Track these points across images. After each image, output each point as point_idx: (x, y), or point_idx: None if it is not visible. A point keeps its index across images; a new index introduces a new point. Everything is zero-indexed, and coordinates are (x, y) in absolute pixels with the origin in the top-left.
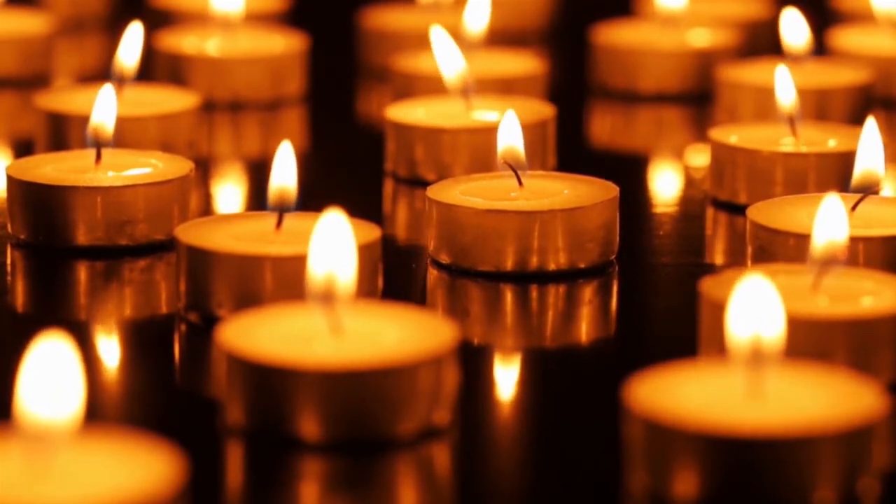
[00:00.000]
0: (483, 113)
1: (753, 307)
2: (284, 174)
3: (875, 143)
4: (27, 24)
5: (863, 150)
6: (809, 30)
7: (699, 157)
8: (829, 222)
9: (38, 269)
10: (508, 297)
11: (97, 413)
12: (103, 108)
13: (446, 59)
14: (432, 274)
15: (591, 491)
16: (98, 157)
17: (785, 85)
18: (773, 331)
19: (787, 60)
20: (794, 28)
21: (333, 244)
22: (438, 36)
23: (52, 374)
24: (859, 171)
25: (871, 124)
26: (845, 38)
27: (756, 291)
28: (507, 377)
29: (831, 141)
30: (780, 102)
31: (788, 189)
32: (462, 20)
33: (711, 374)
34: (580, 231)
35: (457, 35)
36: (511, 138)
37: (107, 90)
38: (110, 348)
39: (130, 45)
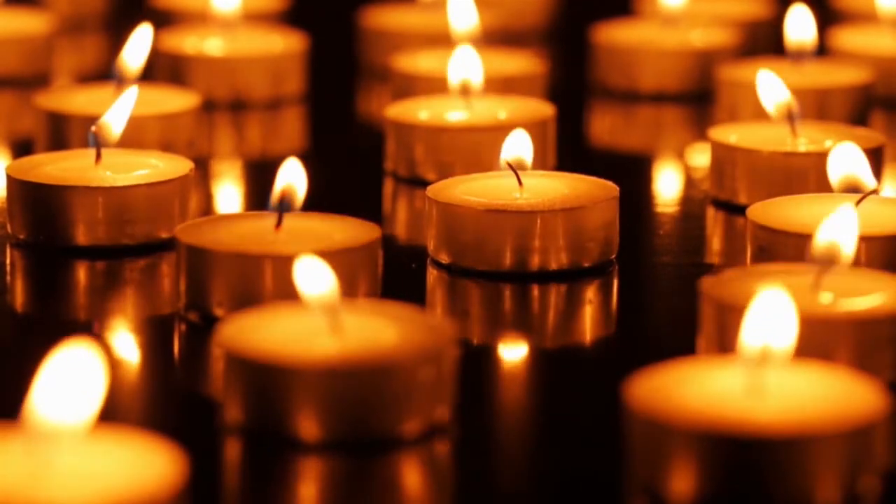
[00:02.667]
0: (483, 113)
1: (768, 317)
2: (292, 177)
3: (849, 150)
4: (27, 24)
5: (836, 159)
6: (814, 29)
7: (699, 157)
8: (839, 225)
9: (38, 269)
10: (508, 296)
11: (97, 413)
12: (118, 109)
13: (461, 66)
14: (432, 274)
15: (591, 491)
16: (98, 157)
17: (772, 87)
18: (784, 340)
19: (789, 59)
20: (800, 25)
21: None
22: (462, 47)
23: (72, 379)
24: (839, 177)
25: (847, 147)
26: (846, 37)
27: (773, 303)
28: (507, 376)
29: (831, 140)
30: (766, 106)
31: (788, 189)
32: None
33: (711, 373)
34: (580, 231)
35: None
36: (519, 149)
37: (129, 92)
38: (110, 348)
39: (137, 46)
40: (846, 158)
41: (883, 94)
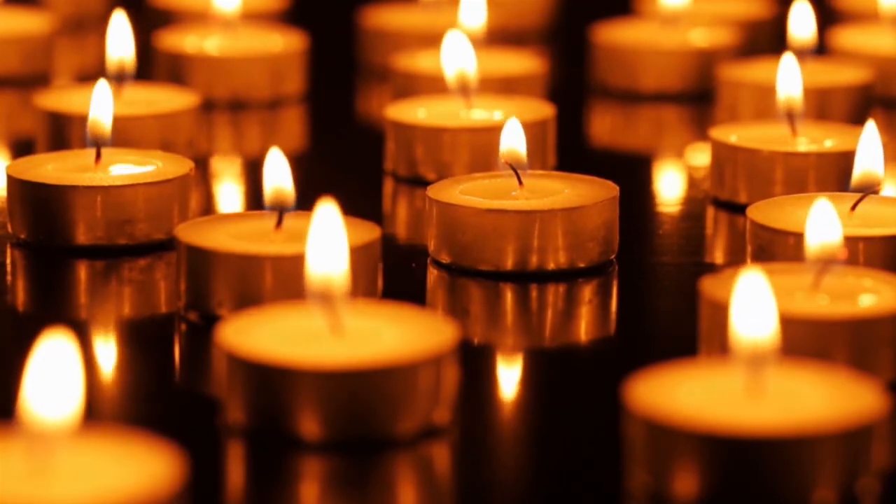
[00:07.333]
0: (483, 112)
1: (751, 304)
2: (278, 176)
3: (874, 145)
4: (27, 23)
5: (862, 152)
6: (815, 27)
7: (700, 157)
8: (822, 224)
9: (38, 269)
10: (508, 296)
11: (97, 413)
12: (100, 105)
13: (454, 58)
14: (432, 274)
15: (591, 491)
16: (98, 156)
17: (790, 77)
18: (768, 327)
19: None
20: (803, 24)
21: (327, 241)
22: (453, 37)
23: (53, 373)
24: (859, 172)
25: (870, 126)
26: (846, 37)
27: (753, 289)
28: (507, 377)
29: (831, 140)
30: (782, 95)
31: (788, 189)
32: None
33: (711, 373)
34: (580, 230)
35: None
36: (514, 141)
37: (101, 87)
38: (110, 348)
39: (118, 39)
40: (869, 155)
41: (883, 94)
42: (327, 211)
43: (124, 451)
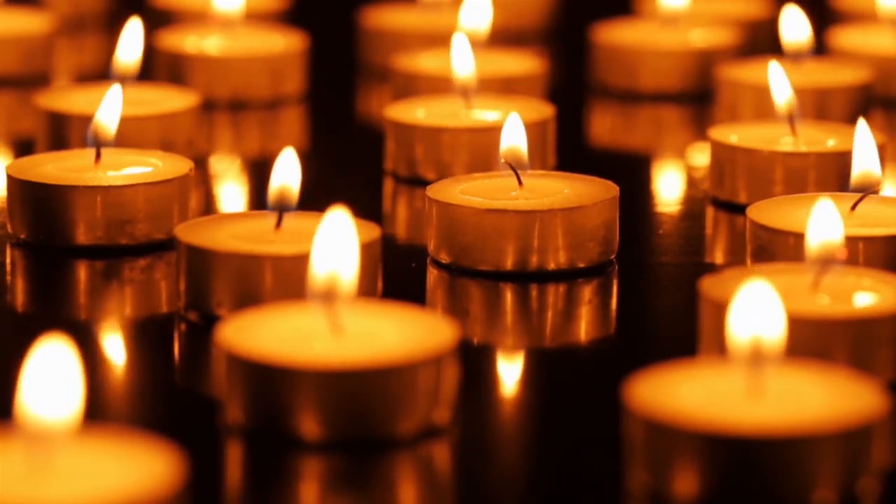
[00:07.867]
0: (483, 113)
1: (754, 308)
2: (286, 175)
3: (869, 145)
4: (27, 23)
5: (858, 153)
6: (809, 28)
7: (699, 157)
8: (823, 224)
9: (38, 269)
10: (508, 296)
11: (97, 413)
12: (108, 107)
13: (459, 60)
14: (432, 273)
15: (591, 491)
16: (98, 156)
17: (779, 82)
18: (774, 332)
19: (787, 59)
20: (795, 26)
21: (336, 243)
22: (458, 39)
23: (53, 375)
24: (857, 172)
25: (862, 126)
26: (845, 37)
27: (757, 293)
28: (507, 376)
29: (831, 140)
30: (776, 100)
31: (788, 189)
32: (462, 20)
33: (711, 373)
34: (580, 230)
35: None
36: (514, 138)
37: (114, 90)
38: (110, 348)
39: (130, 43)
40: (865, 155)
41: (883, 94)
42: (339, 216)
43: (124, 451)
